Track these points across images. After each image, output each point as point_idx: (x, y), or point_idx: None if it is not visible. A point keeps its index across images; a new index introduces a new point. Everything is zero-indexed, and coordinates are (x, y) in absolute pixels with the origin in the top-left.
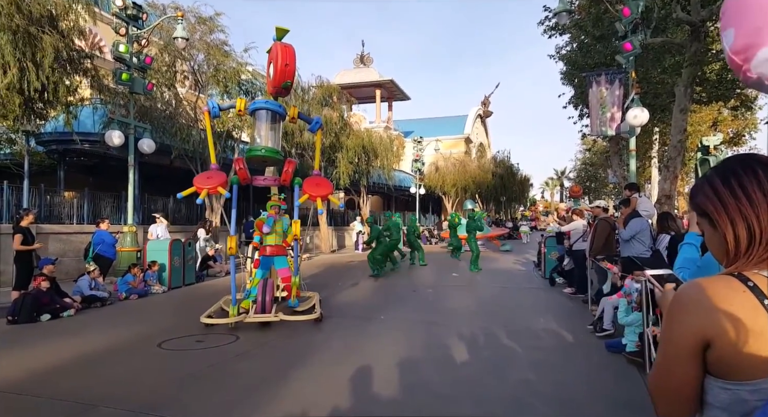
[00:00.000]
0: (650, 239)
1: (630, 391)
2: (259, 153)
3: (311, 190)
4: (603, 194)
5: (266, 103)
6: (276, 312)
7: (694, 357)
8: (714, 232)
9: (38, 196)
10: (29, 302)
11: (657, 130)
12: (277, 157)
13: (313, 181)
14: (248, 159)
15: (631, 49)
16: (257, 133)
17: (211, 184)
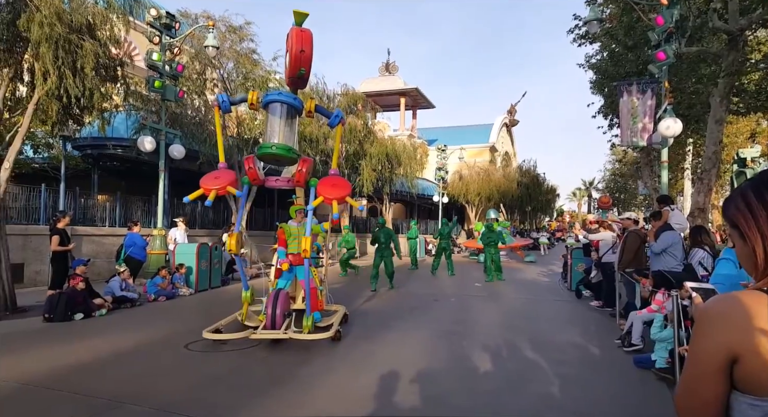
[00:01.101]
0: (682, 253)
1: (659, 409)
2: (269, 150)
3: (326, 191)
4: (633, 206)
5: (279, 95)
6: (289, 328)
7: (721, 372)
8: (744, 246)
9: (73, 199)
10: (64, 301)
11: (691, 141)
12: (291, 155)
13: (329, 181)
14: (259, 157)
15: (664, 58)
16: (270, 128)
17: (219, 184)
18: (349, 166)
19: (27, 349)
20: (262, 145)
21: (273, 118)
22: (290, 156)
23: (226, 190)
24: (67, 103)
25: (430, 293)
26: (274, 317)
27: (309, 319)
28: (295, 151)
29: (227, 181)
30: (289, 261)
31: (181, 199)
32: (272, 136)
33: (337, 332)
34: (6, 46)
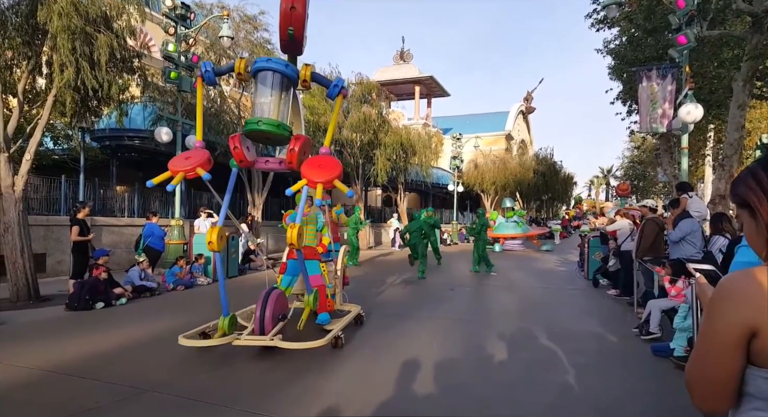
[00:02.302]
0: (701, 241)
1: (677, 398)
2: (255, 127)
3: (310, 173)
4: (652, 193)
5: (268, 62)
6: (280, 333)
7: (740, 347)
8: (753, 223)
9: (93, 189)
10: (86, 290)
11: (712, 127)
12: (280, 132)
13: (316, 161)
14: (246, 135)
15: (685, 42)
16: (258, 100)
17: (187, 165)
18: (363, 155)
19: (50, 337)
20: (247, 121)
21: (262, 89)
22: (280, 133)
23: (195, 172)
24: (84, 94)
25: (445, 283)
26: (263, 321)
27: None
28: (285, 128)
29: (197, 161)
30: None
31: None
32: (261, 110)
33: (337, 339)
34: (25, 39)
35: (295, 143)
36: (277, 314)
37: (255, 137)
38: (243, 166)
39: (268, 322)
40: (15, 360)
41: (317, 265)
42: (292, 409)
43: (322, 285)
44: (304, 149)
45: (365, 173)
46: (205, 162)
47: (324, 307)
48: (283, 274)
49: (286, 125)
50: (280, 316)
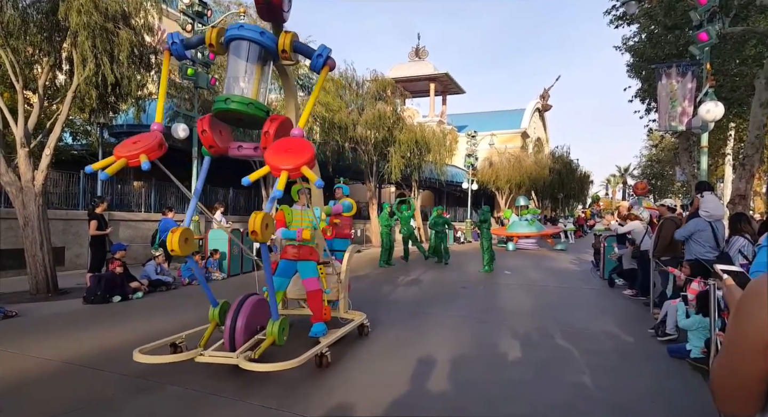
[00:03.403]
0: (713, 240)
1: (694, 399)
2: (222, 106)
3: (274, 158)
4: (670, 193)
5: (240, 29)
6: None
7: (763, 354)
8: None
9: (110, 185)
10: (103, 284)
11: (733, 125)
12: (254, 112)
13: (282, 144)
14: (216, 116)
15: (706, 39)
16: (229, 75)
17: (132, 150)
18: (377, 153)
19: (69, 329)
20: (216, 100)
21: (235, 61)
22: (253, 113)
23: (138, 159)
24: (103, 90)
25: (458, 281)
26: (233, 334)
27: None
28: (260, 107)
29: (145, 146)
30: (289, 256)
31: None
32: (231, 86)
33: (321, 357)
34: (46, 36)
35: (270, 125)
36: (253, 326)
37: (226, 118)
38: (214, 154)
39: (239, 335)
40: (33, 351)
41: (313, 267)
42: (303, 404)
43: (317, 290)
44: (282, 132)
45: (379, 170)
46: (155, 147)
47: (320, 316)
48: (274, 275)
49: (262, 104)
50: (258, 328)
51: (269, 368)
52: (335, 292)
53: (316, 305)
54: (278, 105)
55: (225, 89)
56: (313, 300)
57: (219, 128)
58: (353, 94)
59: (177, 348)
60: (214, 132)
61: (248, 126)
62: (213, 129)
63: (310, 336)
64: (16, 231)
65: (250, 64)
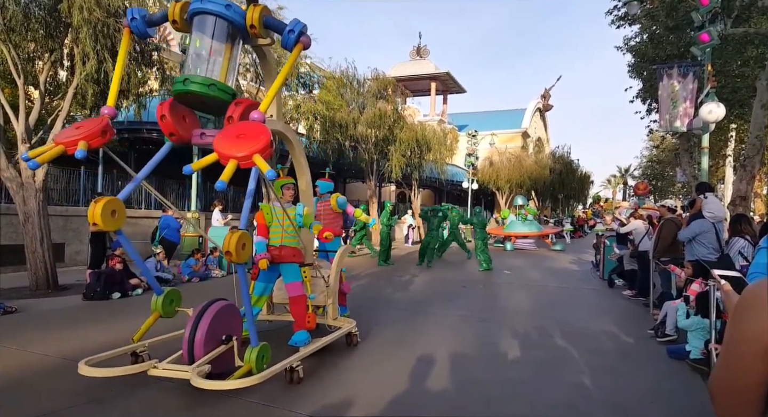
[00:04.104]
0: (716, 242)
1: (692, 400)
2: (180, 87)
3: (224, 145)
4: (670, 194)
5: (203, 3)
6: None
7: (761, 358)
8: None
9: (111, 181)
10: (103, 281)
11: (734, 126)
12: (216, 94)
13: (235, 129)
14: (177, 100)
15: (708, 40)
16: (190, 53)
17: (71, 136)
18: (378, 151)
19: (68, 325)
20: (175, 81)
21: (198, 38)
22: (215, 96)
23: (76, 146)
24: (104, 87)
25: (458, 280)
26: (191, 345)
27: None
28: (223, 88)
29: (86, 132)
30: (269, 257)
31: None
32: (192, 66)
33: (292, 372)
34: (48, 32)
35: (235, 110)
36: (217, 335)
37: (188, 102)
38: (176, 142)
39: (199, 346)
40: (33, 347)
41: (296, 269)
42: (303, 401)
43: (301, 296)
44: (246, 116)
45: (380, 169)
46: (96, 133)
47: (302, 324)
48: (256, 280)
49: (226, 86)
50: (223, 338)
51: (224, 386)
52: (323, 297)
53: (299, 312)
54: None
55: (186, 69)
56: (296, 306)
57: (183, 114)
58: (354, 92)
59: (139, 357)
60: (175, 118)
61: (214, 111)
62: (174, 115)
63: (290, 344)
64: (16, 227)
65: (217, 43)
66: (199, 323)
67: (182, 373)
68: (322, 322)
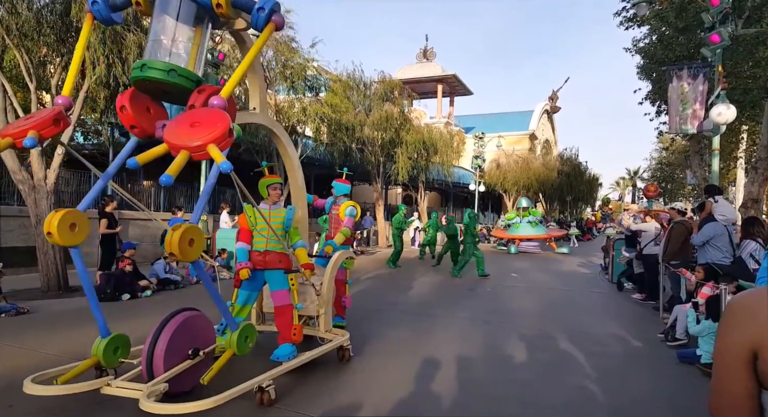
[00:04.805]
0: (729, 245)
1: (703, 406)
2: (138, 73)
3: (175, 134)
4: (680, 196)
5: None
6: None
7: (746, 369)
8: None
9: (120, 184)
10: (113, 282)
11: (745, 128)
12: (177, 81)
13: (190, 117)
14: (138, 89)
15: (718, 41)
16: (151, 37)
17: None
18: (384, 154)
19: (79, 326)
20: (132, 67)
21: (160, 20)
22: (173, 82)
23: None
24: (114, 90)
25: (464, 283)
26: (150, 360)
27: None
28: (185, 74)
29: (35, 122)
30: (251, 266)
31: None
32: (153, 50)
33: (262, 393)
34: (59, 36)
35: (197, 98)
36: (181, 349)
37: (150, 91)
38: (140, 135)
39: (159, 361)
40: (45, 348)
41: (282, 277)
42: (308, 403)
43: (286, 305)
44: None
45: (386, 171)
46: (48, 123)
47: (287, 336)
48: (240, 288)
49: (189, 72)
50: (189, 353)
51: (174, 410)
52: (314, 307)
53: (284, 323)
54: (286, 106)
55: (146, 54)
56: (281, 316)
57: (147, 105)
58: (361, 95)
59: (103, 372)
60: (136, 109)
61: (178, 101)
62: (135, 105)
63: (272, 359)
64: (28, 229)
65: (182, 25)
66: (160, 335)
67: (134, 393)
68: (310, 334)
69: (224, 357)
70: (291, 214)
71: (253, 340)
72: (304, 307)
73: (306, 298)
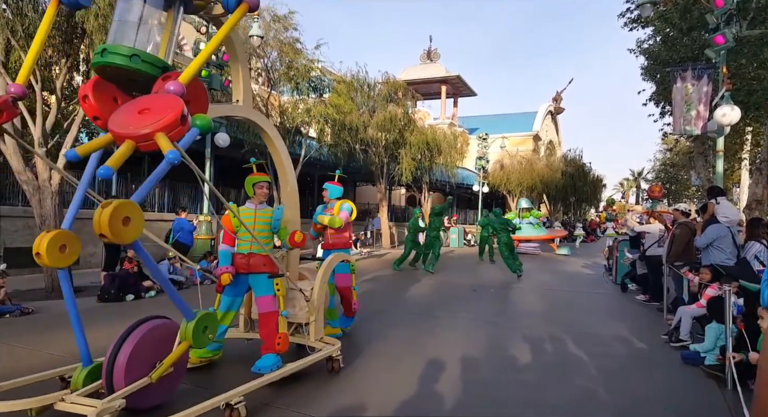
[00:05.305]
0: (734, 247)
1: (707, 407)
2: (99, 59)
3: (120, 122)
4: (684, 197)
5: None
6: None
7: None
8: None
9: (125, 184)
10: (117, 283)
11: (750, 129)
12: (137, 66)
13: (138, 104)
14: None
15: (723, 42)
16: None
17: None
18: (388, 154)
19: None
20: (94, 53)
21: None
22: (136, 68)
23: None
24: None
25: (468, 284)
26: (110, 372)
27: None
28: (149, 60)
29: None
30: (232, 271)
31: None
32: (117, 34)
33: (231, 410)
34: (64, 38)
35: (161, 86)
36: (147, 361)
37: (114, 79)
38: (102, 127)
39: (119, 374)
40: (49, 348)
41: (266, 282)
42: (311, 403)
43: (271, 312)
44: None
45: (390, 172)
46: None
47: (271, 346)
48: (222, 294)
49: (154, 57)
50: (157, 364)
51: None
52: (303, 314)
53: (268, 331)
54: (290, 107)
55: (109, 37)
56: (265, 325)
57: (113, 95)
58: (365, 96)
59: (68, 384)
60: (100, 99)
61: (144, 90)
62: (99, 95)
63: (253, 371)
64: (32, 229)
65: (150, 7)
66: (122, 346)
67: (87, 409)
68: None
69: (179, 349)
70: (279, 214)
71: (213, 331)
72: (294, 314)
73: (295, 304)
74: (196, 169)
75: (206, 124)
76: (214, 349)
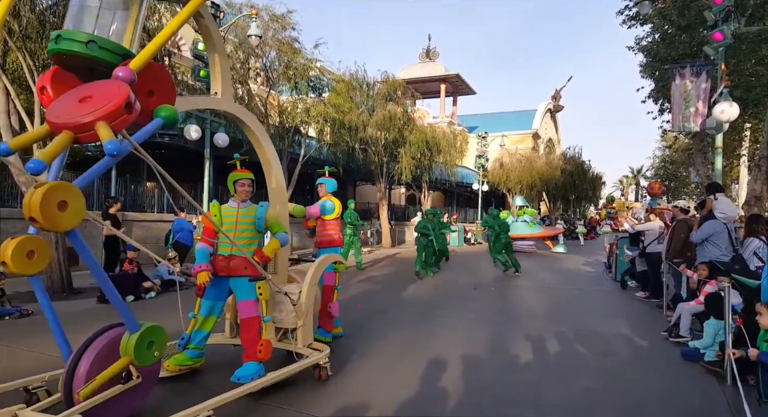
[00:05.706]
0: (729, 243)
1: (707, 403)
2: (53, 46)
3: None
4: (683, 194)
5: None
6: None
7: None
8: None
9: (124, 185)
10: (117, 284)
11: (748, 126)
12: (95, 54)
13: (80, 92)
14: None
15: (721, 39)
16: (72, 3)
17: None
18: (388, 153)
19: (83, 327)
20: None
21: None
22: (94, 56)
23: None
24: None
25: (469, 282)
26: (70, 383)
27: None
28: (107, 46)
29: None
30: (211, 269)
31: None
32: (74, 20)
33: None
34: None
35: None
36: (91, 370)
37: (72, 67)
38: None
39: (79, 385)
40: (49, 350)
41: (248, 285)
42: (312, 403)
43: (253, 318)
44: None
45: (389, 171)
46: None
47: (253, 353)
48: (202, 298)
49: (114, 43)
50: (122, 376)
51: None
52: (290, 319)
53: (250, 337)
54: (289, 106)
55: (66, 22)
56: (247, 331)
57: (75, 86)
58: (364, 95)
59: (33, 396)
60: (61, 91)
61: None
62: (58, 86)
63: (231, 381)
64: None
65: None
66: (83, 356)
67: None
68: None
69: (116, 365)
70: (262, 211)
71: (161, 348)
72: (281, 319)
73: (282, 308)
74: (152, 161)
75: (171, 116)
76: (194, 356)
